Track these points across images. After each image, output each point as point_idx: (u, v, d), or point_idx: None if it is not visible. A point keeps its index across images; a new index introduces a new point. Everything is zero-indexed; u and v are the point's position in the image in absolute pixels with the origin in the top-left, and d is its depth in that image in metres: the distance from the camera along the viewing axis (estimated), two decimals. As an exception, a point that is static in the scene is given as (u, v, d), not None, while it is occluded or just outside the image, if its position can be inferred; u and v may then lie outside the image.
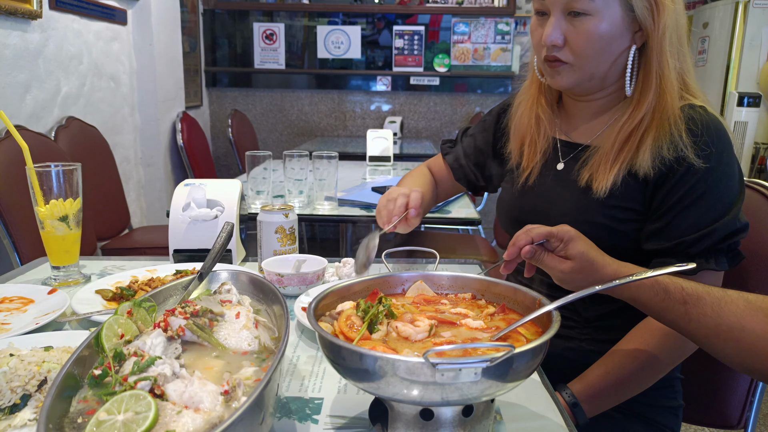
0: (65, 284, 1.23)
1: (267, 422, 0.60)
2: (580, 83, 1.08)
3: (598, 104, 1.13)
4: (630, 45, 1.04)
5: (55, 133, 2.59)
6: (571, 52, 1.04)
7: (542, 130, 1.19)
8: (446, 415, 0.66)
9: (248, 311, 0.78)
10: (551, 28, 1.03)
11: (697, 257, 0.99)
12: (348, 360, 0.65)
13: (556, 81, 1.09)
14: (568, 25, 1.03)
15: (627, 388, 1.04)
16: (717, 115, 1.03)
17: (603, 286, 0.78)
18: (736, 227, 0.99)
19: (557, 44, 1.04)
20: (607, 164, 1.05)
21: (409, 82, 4.80)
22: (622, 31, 1.02)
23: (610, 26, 1.01)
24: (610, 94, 1.11)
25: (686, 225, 0.99)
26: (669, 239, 1.01)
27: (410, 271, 0.89)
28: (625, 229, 1.06)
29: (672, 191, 1.00)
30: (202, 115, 4.67)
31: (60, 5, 2.67)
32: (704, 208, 0.99)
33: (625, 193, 1.04)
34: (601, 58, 1.04)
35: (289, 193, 2.05)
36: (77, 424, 0.57)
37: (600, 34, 1.01)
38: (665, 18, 1.00)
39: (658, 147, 1.01)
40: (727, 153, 1.00)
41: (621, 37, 1.03)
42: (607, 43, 1.02)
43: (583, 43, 1.02)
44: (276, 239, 1.26)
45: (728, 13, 4.18)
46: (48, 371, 0.73)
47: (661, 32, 1.00)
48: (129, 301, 0.77)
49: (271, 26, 4.76)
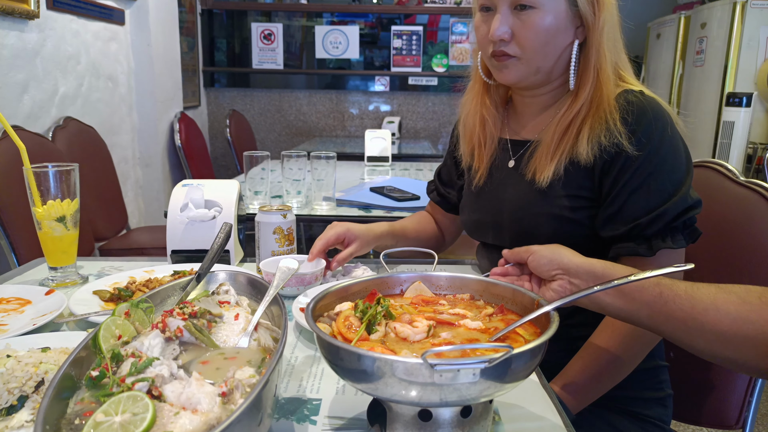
0: (63, 285, 1.23)
1: (265, 423, 0.60)
2: (527, 77, 1.10)
3: (544, 99, 1.16)
4: (573, 40, 1.07)
5: (53, 133, 2.59)
6: (518, 45, 1.07)
7: (488, 132, 1.22)
8: (445, 416, 0.66)
9: (247, 312, 0.78)
10: (498, 23, 1.05)
11: (653, 238, 1.01)
12: (346, 361, 0.64)
13: (504, 75, 1.11)
14: (515, 18, 1.05)
15: (607, 379, 1.05)
16: (655, 97, 1.07)
17: (602, 287, 0.78)
18: (688, 204, 1.01)
19: (505, 38, 1.06)
20: (548, 155, 1.08)
21: (408, 83, 4.80)
22: (566, 24, 1.05)
23: (555, 19, 1.04)
24: (555, 89, 1.14)
25: (638, 207, 1.01)
26: (623, 223, 1.03)
27: (408, 272, 0.89)
28: (579, 217, 1.08)
29: (618, 176, 1.03)
30: (200, 115, 4.67)
31: (57, 5, 2.67)
32: (653, 188, 1.01)
33: (572, 181, 1.07)
34: (547, 51, 1.07)
35: (287, 194, 2.05)
36: (74, 425, 0.57)
37: (546, 27, 1.04)
38: (605, 13, 1.04)
39: (596, 135, 1.04)
40: (668, 133, 1.02)
41: (565, 31, 1.06)
42: (553, 36, 1.05)
43: (530, 35, 1.05)
44: (274, 240, 1.26)
45: (726, 13, 4.18)
46: (45, 372, 0.73)
47: (601, 27, 1.04)
48: (127, 302, 0.77)
49: (269, 26, 4.75)
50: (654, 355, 1.15)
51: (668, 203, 1.00)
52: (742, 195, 1.19)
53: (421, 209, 1.55)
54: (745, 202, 1.17)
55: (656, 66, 5.31)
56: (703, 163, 1.32)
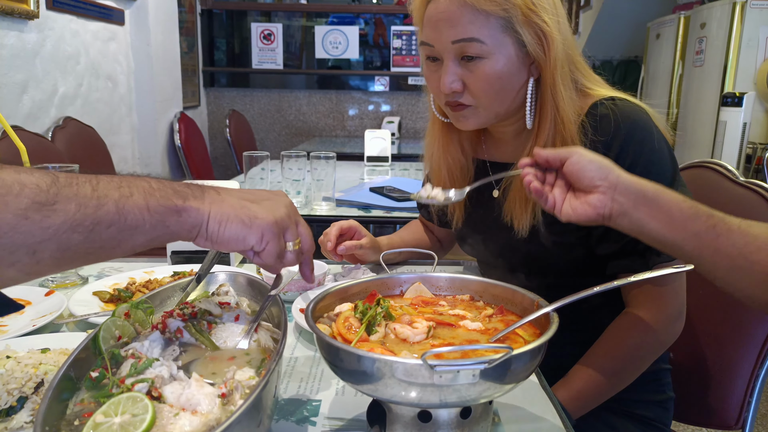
0: (62, 286, 1.23)
1: (265, 424, 0.60)
2: (486, 122, 1.07)
3: (514, 128, 1.12)
4: (528, 78, 1.03)
5: (53, 133, 2.59)
6: (471, 95, 1.02)
7: (456, 180, 1.18)
8: (444, 417, 0.66)
9: (247, 314, 0.78)
10: (447, 76, 1.00)
11: (647, 252, 0.99)
12: (346, 362, 0.64)
13: (462, 124, 1.07)
14: (464, 69, 1.00)
15: (610, 387, 1.04)
16: (631, 102, 1.02)
17: (601, 287, 0.78)
18: None
19: (457, 90, 1.01)
20: (522, 206, 1.04)
21: (408, 83, 4.80)
22: (518, 66, 1.01)
23: (506, 64, 0.99)
24: (520, 119, 1.09)
25: None
26: (616, 241, 1.01)
27: (408, 273, 0.89)
28: (573, 239, 1.06)
29: None
30: (200, 115, 4.67)
31: (57, 5, 2.67)
32: None
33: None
34: (503, 97, 1.02)
35: (286, 194, 2.05)
36: (74, 426, 0.57)
37: (498, 75, 0.99)
38: (554, 47, 0.98)
39: None
40: (648, 141, 0.99)
41: (518, 73, 1.01)
42: (507, 81, 1.01)
43: (482, 85, 1.00)
44: (274, 240, 1.26)
45: (725, 13, 4.18)
46: (45, 373, 0.73)
47: (553, 64, 0.99)
48: (126, 302, 0.77)
49: (268, 26, 4.75)
50: (658, 358, 1.15)
51: None
52: (741, 195, 1.19)
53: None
54: (745, 203, 1.17)
55: (656, 66, 5.31)
56: (702, 163, 1.32)
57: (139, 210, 0.58)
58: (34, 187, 0.52)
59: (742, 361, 1.18)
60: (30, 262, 0.53)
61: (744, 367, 1.18)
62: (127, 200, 0.57)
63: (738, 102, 3.90)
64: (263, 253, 0.68)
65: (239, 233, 0.65)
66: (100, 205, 0.55)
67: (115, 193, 0.57)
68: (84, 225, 0.54)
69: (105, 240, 0.56)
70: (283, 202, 0.72)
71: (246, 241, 0.66)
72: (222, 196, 0.66)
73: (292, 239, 0.71)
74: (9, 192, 0.51)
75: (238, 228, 0.65)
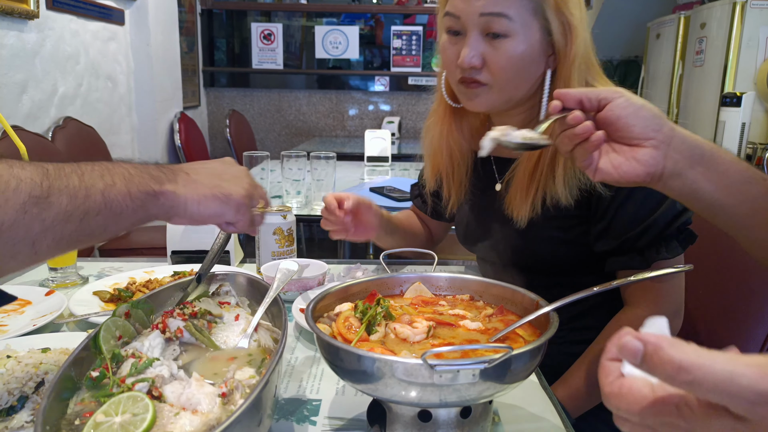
0: (63, 285, 1.23)
1: (265, 424, 0.60)
2: (497, 106, 1.06)
3: (521, 118, 1.11)
4: (545, 69, 1.03)
5: (52, 133, 2.59)
6: (489, 73, 1.01)
7: (456, 163, 1.18)
8: (444, 417, 0.66)
9: (247, 313, 0.78)
10: (469, 49, 0.99)
11: (646, 249, 0.99)
12: (346, 361, 0.65)
13: (473, 104, 1.06)
14: (487, 45, 1.00)
15: None
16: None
17: (601, 287, 0.78)
18: (677, 210, 0.98)
19: (476, 66, 1.00)
20: (522, 195, 1.04)
21: (408, 82, 4.80)
22: (539, 53, 1.00)
23: (528, 48, 0.99)
24: (528, 110, 1.09)
25: (627, 220, 0.99)
26: (614, 237, 1.01)
27: (408, 273, 0.89)
28: (571, 236, 1.06)
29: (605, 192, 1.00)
30: (200, 115, 4.67)
31: (57, 5, 2.67)
32: (639, 199, 0.98)
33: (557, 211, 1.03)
34: (519, 81, 1.02)
35: (286, 194, 2.05)
36: (75, 426, 0.57)
37: (519, 56, 0.99)
38: (577, 42, 0.99)
39: (572, 176, 0.99)
40: None
41: (538, 60, 1.01)
42: (526, 65, 1.00)
43: (502, 64, 0.99)
44: (274, 240, 1.26)
45: (726, 13, 4.18)
46: (45, 373, 0.73)
47: (572, 58, 0.99)
48: (127, 302, 0.77)
49: (269, 26, 4.75)
50: None
51: (656, 213, 0.98)
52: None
53: None
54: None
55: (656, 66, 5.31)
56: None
57: (122, 197, 0.62)
58: (29, 181, 0.55)
59: (741, 361, 1.18)
60: (30, 252, 0.56)
61: (744, 367, 1.18)
62: (111, 189, 0.61)
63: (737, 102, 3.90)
64: (239, 224, 0.76)
65: (218, 210, 0.72)
66: (88, 195, 0.59)
67: (100, 182, 0.60)
68: (75, 215, 0.58)
69: (94, 227, 0.60)
70: (243, 172, 0.79)
71: (224, 217, 0.74)
72: (192, 176, 0.71)
73: (256, 204, 0.79)
74: (7, 188, 0.53)
75: (217, 206, 0.71)
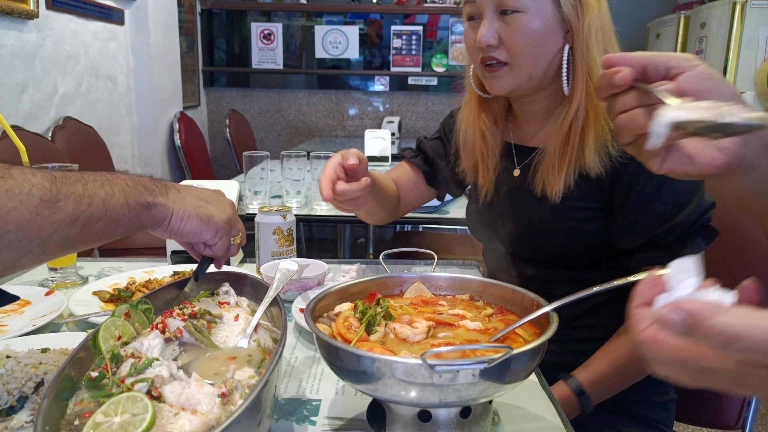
0: (62, 286, 1.23)
1: (264, 424, 0.60)
2: (519, 85, 1.07)
3: (543, 105, 1.13)
4: (563, 45, 1.05)
5: (52, 133, 2.59)
6: (507, 50, 1.04)
7: (489, 144, 1.19)
8: (444, 417, 0.66)
9: (246, 313, 0.78)
10: (485, 29, 1.04)
11: (673, 245, 1.00)
12: (346, 361, 0.64)
13: (495, 85, 1.08)
14: (501, 23, 1.04)
15: (632, 373, 1.04)
16: None
17: (601, 287, 0.78)
18: (705, 206, 1.00)
19: (492, 44, 1.04)
20: (554, 168, 1.05)
21: (407, 82, 4.80)
22: (554, 27, 1.03)
23: (542, 22, 1.02)
24: (551, 95, 1.12)
25: (654, 217, 1.00)
26: (642, 233, 1.01)
27: (408, 272, 0.89)
28: (589, 228, 1.06)
29: (631, 186, 1.01)
30: (200, 115, 4.67)
31: (57, 5, 2.67)
32: (667, 196, 0.99)
33: (582, 194, 1.05)
34: (537, 56, 1.04)
35: (286, 194, 2.05)
36: (74, 426, 0.57)
37: (533, 30, 1.02)
38: (590, 17, 1.02)
39: (602, 145, 1.02)
40: None
41: (554, 34, 1.04)
42: (542, 40, 1.03)
43: (517, 39, 1.03)
44: (274, 240, 1.26)
45: (725, 13, 4.18)
46: (45, 373, 0.73)
47: (587, 31, 1.02)
48: (126, 302, 0.77)
49: (268, 26, 4.75)
50: None
51: (685, 210, 0.98)
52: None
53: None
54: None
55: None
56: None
57: (120, 206, 0.66)
58: (40, 186, 0.59)
59: (741, 361, 1.18)
60: (39, 252, 0.60)
61: (744, 366, 1.18)
62: (111, 198, 0.66)
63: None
64: (215, 246, 0.79)
65: (197, 229, 0.75)
66: (91, 202, 0.63)
67: (101, 191, 0.65)
68: (80, 219, 0.62)
69: (95, 232, 0.64)
70: (228, 203, 0.82)
71: (202, 236, 0.77)
72: (182, 194, 0.75)
73: (235, 235, 0.82)
74: (21, 191, 0.57)
75: (197, 224, 0.75)
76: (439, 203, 2.05)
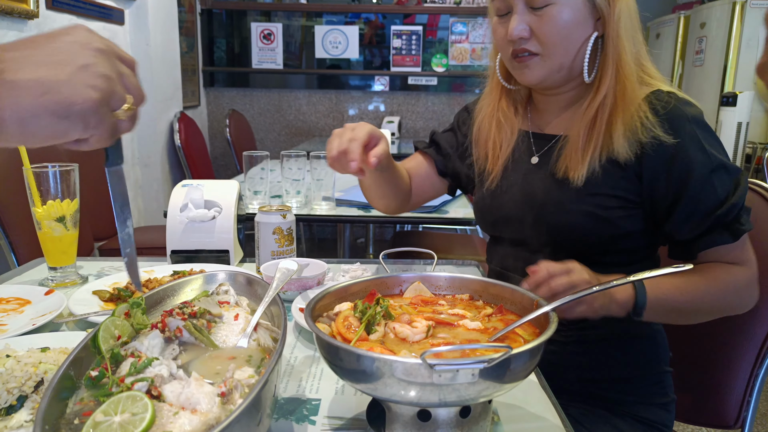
0: (62, 285, 1.23)
1: (264, 423, 0.60)
2: (550, 75, 1.08)
3: (567, 97, 1.14)
4: (592, 33, 1.06)
5: (52, 133, 2.58)
6: (538, 42, 1.06)
7: (503, 133, 1.19)
8: (443, 416, 0.66)
9: (246, 313, 0.78)
10: (516, 22, 1.05)
11: (732, 224, 1.00)
12: (345, 361, 0.65)
13: (526, 76, 1.09)
14: (532, 16, 1.05)
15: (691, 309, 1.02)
16: (686, 98, 1.06)
17: (601, 286, 0.78)
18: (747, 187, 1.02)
19: (524, 36, 1.05)
20: (578, 152, 1.06)
21: (407, 82, 4.80)
22: (585, 17, 1.05)
23: (572, 13, 1.03)
24: (578, 86, 1.12)
25: (712, 200, 0.99)
26: (704, 217, 1.00)
27: (408, 272, 0.89)
28: (610, 216, 1.05)
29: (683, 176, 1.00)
30: (200, 115, 4.67)
31: (57, 5, 2.67)
32: (716, 179, 0.99)
33: (608, 180, 1.04)
34: (568, 46, 1.06)
35: (286, 193, 2.05)
36: (74, 425, 0.57)
37: (564, 21, 1.03)
38: (620, 4, 1.04)
39: (632, 131, 1.02)
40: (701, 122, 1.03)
41: (584, 24, 1.05)
42: (572, 30, 1.05)
43: (549, 30, 1.04)
44: (274, 240, 1.26)
45: (725, 13, 4.18)
46: (45, 372, 0.73)
47: (617, 18, 1.04)
48: (126, 302, 0.77)
49: (268, 26, 4.75)
50: (660, 360, 1.15)
51: (738, 191, 1.00)
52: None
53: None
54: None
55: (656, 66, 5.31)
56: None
57: None
58: None
59: (741, 361, 1.18)
60: None
61: (743, 366, 1.18)
62: None
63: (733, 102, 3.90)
64: (92, 139, 0.55)
65: (55, 129, 0.51)
66: None
67: None
68: None
69: None
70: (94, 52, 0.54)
71: (67, 136, 0.53)
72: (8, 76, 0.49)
73: (120, 104, 0.56)
74: None
75: (51, 124, 0.51)
76: (439, 203, 2.05)
